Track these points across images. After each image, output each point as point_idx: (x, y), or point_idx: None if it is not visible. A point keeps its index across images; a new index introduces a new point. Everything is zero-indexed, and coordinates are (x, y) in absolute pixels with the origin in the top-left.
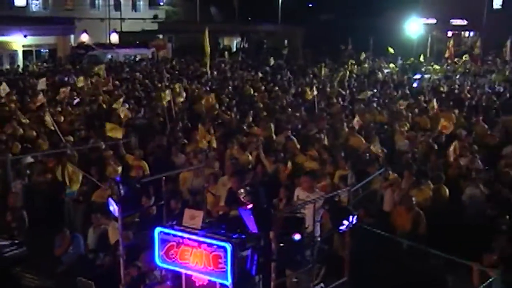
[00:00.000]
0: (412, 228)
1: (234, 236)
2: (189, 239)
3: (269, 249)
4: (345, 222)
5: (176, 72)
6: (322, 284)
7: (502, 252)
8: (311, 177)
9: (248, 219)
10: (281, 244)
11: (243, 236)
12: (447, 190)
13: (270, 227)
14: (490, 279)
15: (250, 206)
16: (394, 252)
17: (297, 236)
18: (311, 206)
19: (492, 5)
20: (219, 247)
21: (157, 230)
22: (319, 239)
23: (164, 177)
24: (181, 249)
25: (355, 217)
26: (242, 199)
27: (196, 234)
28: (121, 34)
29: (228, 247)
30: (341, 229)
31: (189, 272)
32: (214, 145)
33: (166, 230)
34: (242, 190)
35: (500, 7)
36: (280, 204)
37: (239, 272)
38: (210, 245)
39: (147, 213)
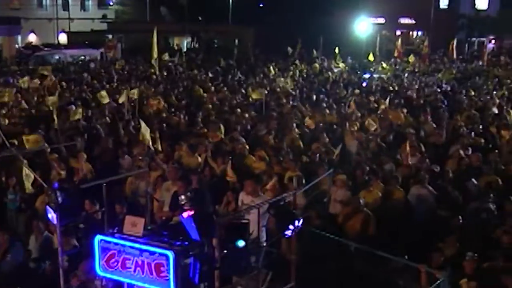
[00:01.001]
0: (361, 229)
1: (176, 244)
2: (130, 247)
3: (212, 256)
4: (291, 227)
5: (125, 72)
6: None
7: (451, 253)
8: (255, 182)
9: (189, 226)
10: (225, 251)
11: (186, 244)
12: (402, 192)
13: (213, 234)
14: (438, 281)
15: (191, 212)
16: (343, 255)
17: (240, 243)
18: (255, 210)
19: (438, 5)
20: (161, 255)
21: (97, 238)
22: (265, 244)
23: (104, 183)
24: (123, 257)
25: (301, 221)
26: (183, 206)
27: (137, 241)
28: (69, 34)
29: (171, 255)
30: (286, 234)
31: (131, 282)
32: (159, 147)
33: (107, 238)
34: (183, 197)
35: (446, 6)
36: (228, 207)
37: (182, 281)
38: (152, 253)
39: (92, 219)
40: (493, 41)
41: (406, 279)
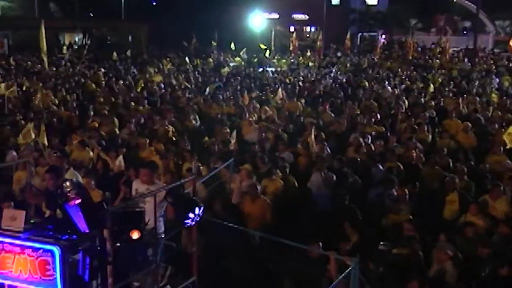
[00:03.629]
0: (260, 217)
1: (63, 238)
2: (10, 244)
3: (103, 250)
4: (191, 215)
5: (12, 68)
6: (168, 286)
7: (356, 239)
8: (150, 169)
9: (76, 217)
10: (118, 244)
11: (74, 237)
12: (294, 180)
13: (104, 224)
14: (349, 268)
15: (78, 201)
16: (247, 246)
17: (135, 234)
18: (152, 200)
19: (330, 1)
20: (45, 251)
21: None
22: (163, 236)
23: None
24: (2, 256)
25: (202, 208)
26: (68, 194)
27: (18, 237)
28: None
29: (56, 250)
30: (187, 223)
31: (12, 283)
32: (45, 142)
33: None
34: (67, 183)
35: (338, 2)
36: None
37: (71, 280)
38: (35, 249)
39: None
40: (383, 36)
41: (316, 268)
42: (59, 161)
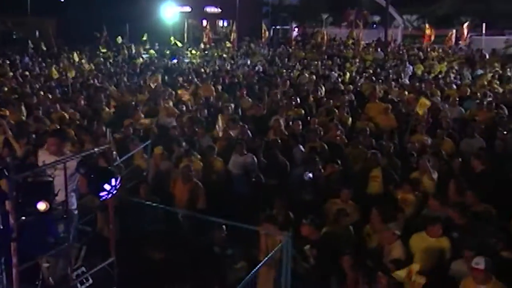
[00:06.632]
0: (191, 200)
1: None
2: None
3: (6, 225)
4: (107, 187)
5: None
6: (83, 268)
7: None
8: (59, 137)
9: None
10: (23, 217)
11: None
12: (221, 162)
13: (5, 195)
14: (280, 244)
15: None
16: (171, 226)
17: (42, 205)
18: (62, 173)
19: None
20: None
21: None
22: (76, 212)
23: None
24: None
25: (119, 179)
26: None
27: None
28: None
29: None
30: (102, 196)
31: None
32: None
33: None
34: None
35: None
36: None
37: None
38: None
39: None
40: (296, 29)
41: (242, 248)
42: None
